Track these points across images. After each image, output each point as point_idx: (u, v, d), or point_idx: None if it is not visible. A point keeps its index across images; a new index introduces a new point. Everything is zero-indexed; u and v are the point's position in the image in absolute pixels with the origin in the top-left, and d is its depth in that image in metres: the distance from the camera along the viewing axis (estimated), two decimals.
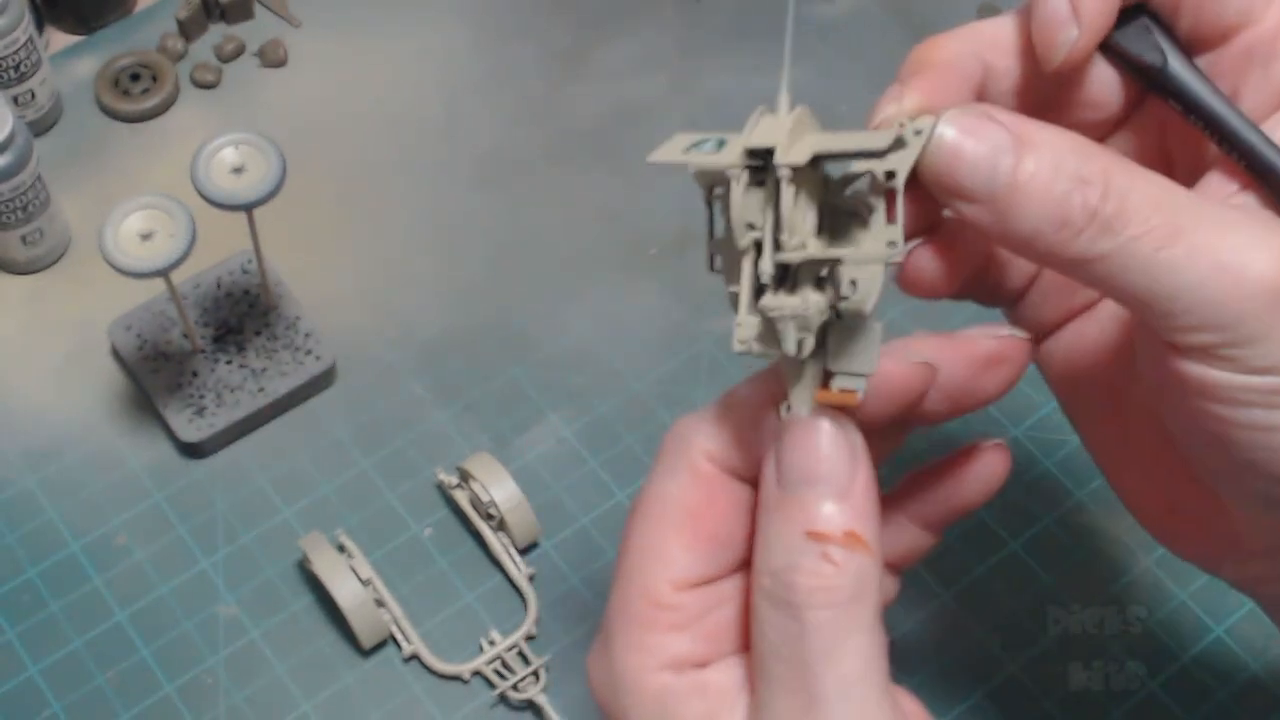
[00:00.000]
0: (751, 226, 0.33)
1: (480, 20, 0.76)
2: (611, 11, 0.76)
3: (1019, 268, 0.42)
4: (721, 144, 0.34)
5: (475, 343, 0.65)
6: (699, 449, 0.36)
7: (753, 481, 0.36)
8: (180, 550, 0.60)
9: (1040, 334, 0.43)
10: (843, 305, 0.33)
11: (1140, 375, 0.38)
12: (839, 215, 0.34)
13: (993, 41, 0.38)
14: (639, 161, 0.35)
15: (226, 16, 0.74)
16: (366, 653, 0.57)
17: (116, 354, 0.64)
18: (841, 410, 0.35)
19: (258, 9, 0.75)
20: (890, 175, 0.33)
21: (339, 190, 0.70)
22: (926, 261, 0.38)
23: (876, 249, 0.34)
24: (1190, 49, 0.38)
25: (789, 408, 0.35)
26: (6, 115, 0.61)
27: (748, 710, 0.35)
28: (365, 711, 0.56)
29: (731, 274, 0.34)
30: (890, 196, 0.33)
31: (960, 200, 0.34)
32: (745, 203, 0.33)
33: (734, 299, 0.34)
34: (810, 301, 0.33)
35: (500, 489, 0.58)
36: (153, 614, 0.58)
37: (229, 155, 0.57)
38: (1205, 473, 0.39)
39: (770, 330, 0.34)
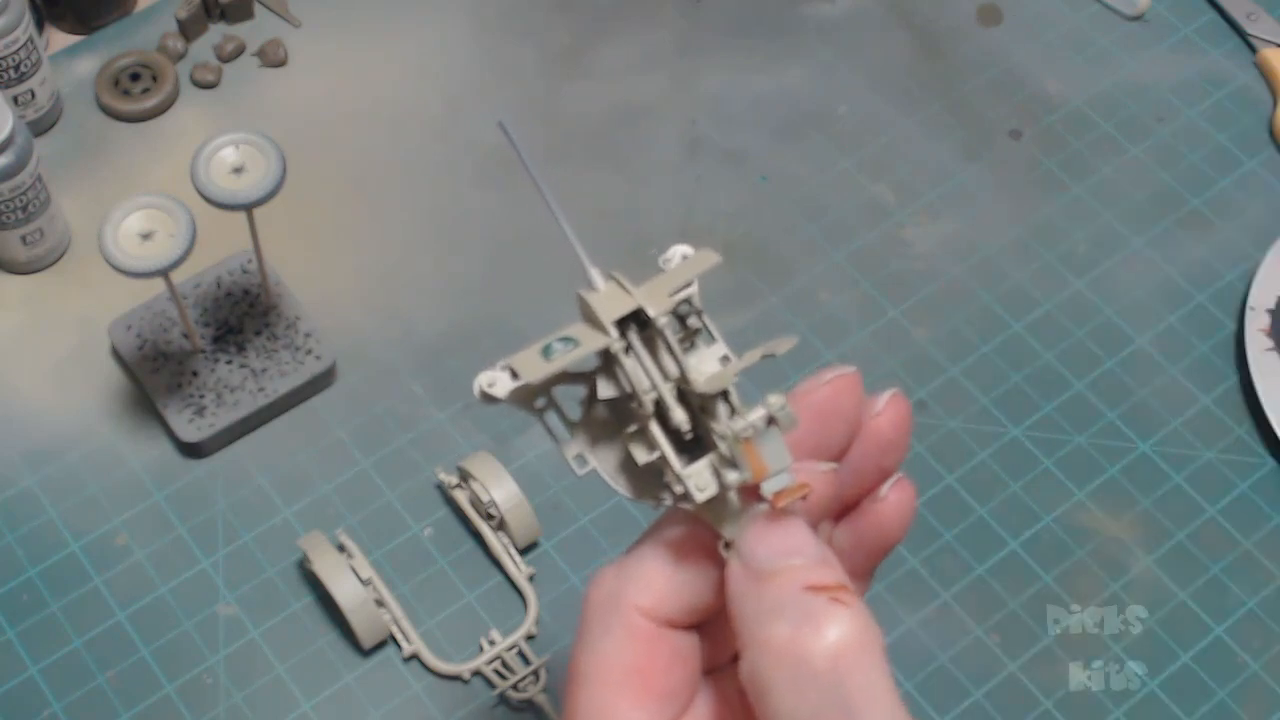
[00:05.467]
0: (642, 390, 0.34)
1: (480, 20, 0.76)
2: (611, 11, 0.76)
3: None
4: (567, 340, 0.34)
5: (475, 343, 0.65)
6: (631, 605, 0.35)
7: (688, 629, 0.36)
8: (180, 550, 0.60)
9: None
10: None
11: None
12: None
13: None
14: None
15: (226, 16, 0.74)
16: (366, 653, 0.57)
17: (116, 354, 0.64)
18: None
19: (258, 9, 0.75)
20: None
21: (339, 190, 0.70)
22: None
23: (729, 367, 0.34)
24: None
25: (726, 545, 0.35)
26: (6, 115, 0.61)
27: None
28: (365, 711, 0.57)
29: (607, 461, 0.36)
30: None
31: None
32: (634, 369, 0.34)
33: (650, 471, 0.35)
34: (747, 419, 0.33)
35: (500, 489, 0.58)
36: (153, 614, 0.58)
37: (229, 155, 0.57)
38: None
39: (650, 483, 0.35)
